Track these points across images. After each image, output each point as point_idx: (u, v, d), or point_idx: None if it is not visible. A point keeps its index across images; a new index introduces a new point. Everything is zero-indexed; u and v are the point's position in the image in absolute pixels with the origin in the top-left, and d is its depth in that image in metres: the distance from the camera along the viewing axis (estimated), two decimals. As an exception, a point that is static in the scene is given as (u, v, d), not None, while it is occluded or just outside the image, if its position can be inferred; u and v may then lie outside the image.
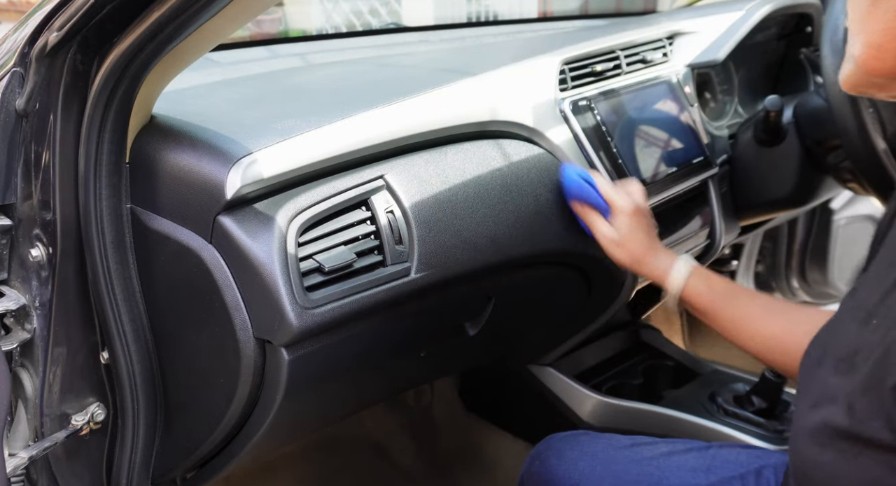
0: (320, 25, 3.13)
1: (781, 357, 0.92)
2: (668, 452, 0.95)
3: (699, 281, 0.97)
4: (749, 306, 0.94)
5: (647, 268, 1.00)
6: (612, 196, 1.01)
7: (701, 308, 0.97)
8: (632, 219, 1.01)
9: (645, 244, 1.01)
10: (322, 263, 0.82)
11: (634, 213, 1.01)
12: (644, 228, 1.02)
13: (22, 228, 0.87)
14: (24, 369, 0.92)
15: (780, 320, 0.93)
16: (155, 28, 0.74)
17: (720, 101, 1.50)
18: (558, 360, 1.42)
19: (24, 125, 0.83)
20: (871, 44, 0.59)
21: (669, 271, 0.98)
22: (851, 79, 0.62)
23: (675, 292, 0.97)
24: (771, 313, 0.94)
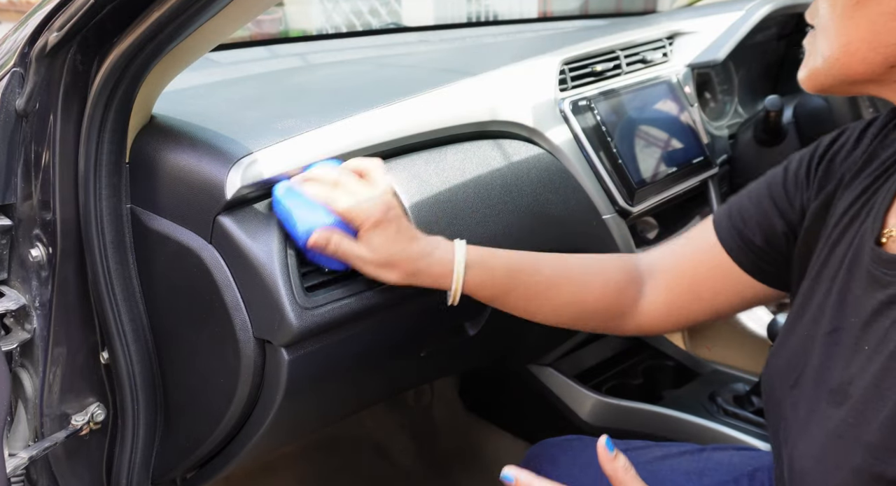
0: (320, 25, 3.14)
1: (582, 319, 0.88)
2: (661, 456, 0.95)
3: (477, 272, 0.83)
4: (532, 283, 0.85)
5: (423, 278, 0.82)
6: (346, 210, 0.79)
7: (487, 299, 0.86)
8: (383, 229, 0.79)
9: (411, 252, 0.81)
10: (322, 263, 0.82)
11: (384, 220, 0.79)
12: (399, 233, 0.80)
13: (22, 228, 0.87)
14: (24, 369, 0.92)
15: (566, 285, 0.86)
16: (155, 28, 0.74)
17: (720, 101, 1.50)
18: (558, 360, 1.42)
19: (24, 125, 0.83)
20: (847, 46, 0.58)
21: (447, 273, 0.82)
22: (818, 78, 0.61)
23: (456, 294, 0.83)
24: (556, 281, 0.86)
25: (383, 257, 0.80)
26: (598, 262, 0.89)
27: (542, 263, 0.86)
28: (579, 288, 0.86)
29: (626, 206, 1.16)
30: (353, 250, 0.79)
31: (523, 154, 1.05)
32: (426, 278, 0.82)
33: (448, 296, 0.83)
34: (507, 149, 1.03)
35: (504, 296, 0.86)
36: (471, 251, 0.83)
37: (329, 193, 0.80)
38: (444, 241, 0.84)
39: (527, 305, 0.87)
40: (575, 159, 1.11)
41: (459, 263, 0.82)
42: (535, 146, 1.08)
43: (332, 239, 0.78)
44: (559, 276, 0.86)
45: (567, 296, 0.86)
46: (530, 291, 0.86)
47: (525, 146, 1.07)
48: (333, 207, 0.79)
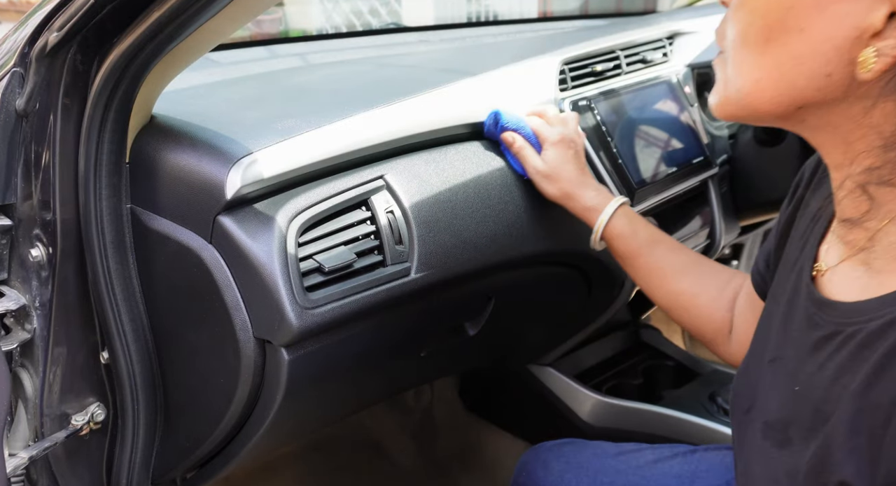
0: (320, 25, 3.14)
1: (686, 315, 0.92)
2: (653, 459, 0.95)
3: (623, 224, 0.93)
4: (665, 259, 0.93)
5: (575, 203, 0.96)
6: (540, 128, 0.98)
7: (620, 252, 0.95)
8: (559, 149, 0.96)
9: (575, 178, 0.96)
10: (322, 263, 0.82)
11: (561, 142, 0.97)
12: (574, 161, 0.97)
13: (22, 228, 0.87)
14: (24, 369, 0.92)
15: (690, 277, 0.92)
16: (155, 28, 0.74)
17: (720, 101, 1.50)
18: (558, 360, 1.42)
19: (24, 125, 0.83)
20: (757, 83, 0.56)
21: (597, 208, 0.94)
22: (728, 108, 0.59)
23: (598, 230, 0.94)
24: (684, 269, 0.92)
25: (549, 169, 0.96)
26: (722, 271, 0.93)
27: (681, 248, 0.95)
28: (698, 286, 0.91)
29: (626, 206, 1.16)
30: (530, 156, 0.97)
31: (523, 154, 1.05)
32: (577, 204, 0.95)
33: (592, 233, 0.94)
34: (507, 149, 1.03)
35: (635, 257, 0.93)
36: (624, 206, 0.95)
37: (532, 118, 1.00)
38: (605, 189, 0.97)
39: (651, 277, 0.93)
40: (575, 159, 1.11)
41: (612, 206, 0.93)
42: (535, 146, 1.08)
43: (518, 141, 0.97)
44: (687, 266, 0.93)
45: (685, 288, 0.92)
46: (659, 265, 0.92)
47: (525, 146, 1.07)
48: (530, 121, 0.99)
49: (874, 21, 0.49)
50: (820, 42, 0.52)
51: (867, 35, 0.50)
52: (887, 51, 0.49)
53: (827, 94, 0.53)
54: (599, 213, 0.94)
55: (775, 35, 0.53)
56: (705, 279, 0.92)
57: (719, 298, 0.91)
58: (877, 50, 0.50)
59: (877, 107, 0.52)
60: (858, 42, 0.50)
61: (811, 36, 0.52)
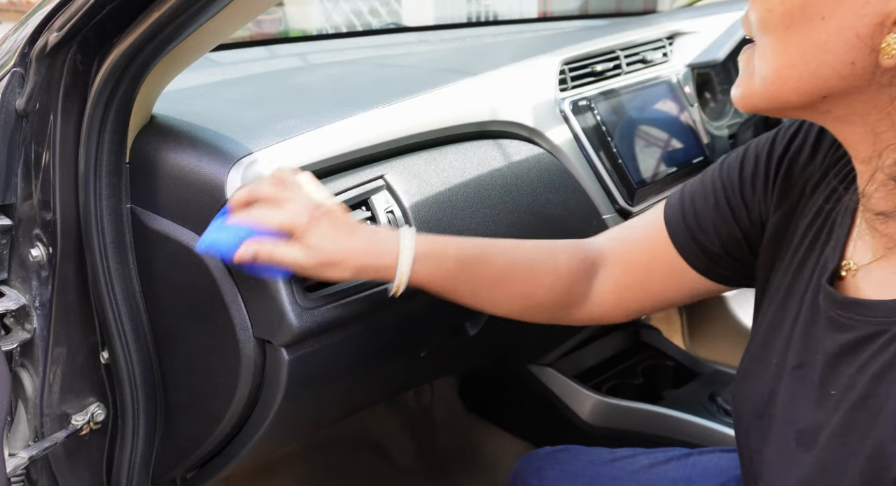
0: (320, 25, 3.13)
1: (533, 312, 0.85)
2: (648, 464, 0.94)
3: (429, 266, 0.78)
4: (485, 276, 0.81)
5: (372, 273, 0.78)
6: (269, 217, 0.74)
7: (435, 292, 0.81)
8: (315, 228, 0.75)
9: (352, 245, 0.76)
10: (322, 263, 0.82)
11: (312, 219, 0.75)
12: (334, 227, 0.76)
13: (22, 228, 0.87)
14: (24, 369, 0.92)
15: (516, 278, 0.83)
16: (155, 28, 0.74)
17: (720, 101, 1.50)
18: (558, 360, 1.42)
19: (24, 125, 0.83)
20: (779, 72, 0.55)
21: (392, 263, 0.77)
22: (752, 100, 0.58)
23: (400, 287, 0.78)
24: (505, 274, 0.82)
25: (324, 256, 0.75)
26: (549, 253, 0.84)
27: (493, 254, 0.82)
28: (530, 281, 0.83)
29: (627, 206, 1.16)
30: (290, 254, 0.74)
31: (523, 154, 1.05)
32: (373, 272, 0.78)
33: (391, 287, 0.78)
34: (507, 149, 1.03)
35: (453, 289, 0.81)
36: (419, 242, 0.78)
37: (249, 213, 0.75)
38: (386, 231, 0.79)
39: (475, 297, 0.83)
40: (575, 159, 1.11)
41: (405, 255, 0.77)
42: (535, 146, 1.08)
43: (262, 248, 0.73)
44: (510, 267, 0.82)
45: (517, 289, 0.83)
46: (481, 283, 0.82)
47: (525, 146, 1.07)
48: (257, 223, 0.74)
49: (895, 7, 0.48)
50: (842, 29, 0.51)
51: (890, 21, 0.49)
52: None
53: (851, 82, 0.52)
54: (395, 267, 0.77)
55: (796, 23, 0.52)
56: (530, 272, 0.83)
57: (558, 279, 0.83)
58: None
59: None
60: (881, 29, 0.49)
61: (833, 23, 0.51)
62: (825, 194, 0.66)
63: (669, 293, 0.81)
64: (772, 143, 0.72)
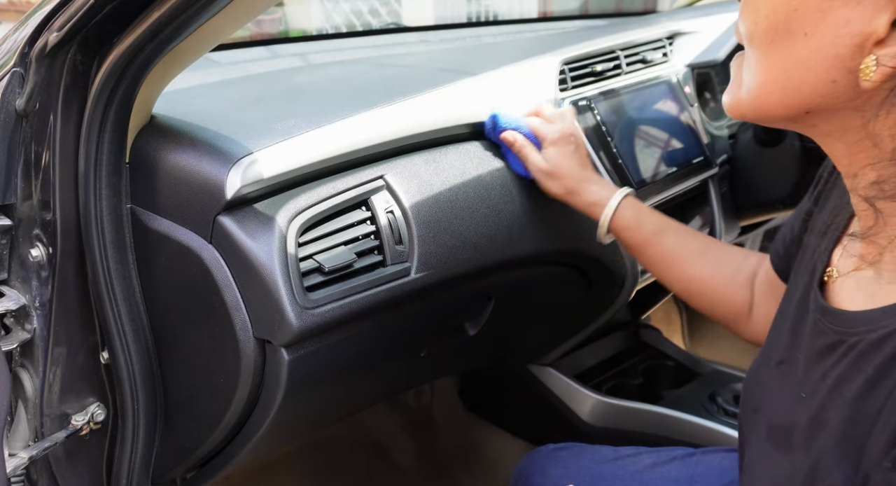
0: (320, 25, 3.13)
1: (704, 299, 0.92)
2: (651, 463, 0.94)
3: (629, 215, 0.93)
4: (675, 246, 0.92)
5: (579, 199, 0.96)
6: (538, 126, 0.98)
7: (628, 243, 0.94)
8: (559, 146, 0.96)
9: (577, 174, 0.96)
10: (322, 263, 0.82)
11: (561, 139, 0.97)
12: (575, 157, 0.97)
13: (22, 228, 0.87)
14: (24, 369, 0.92)
15: (702, 261, 0.91)
16: (155, 28, 0.74)
17: (720, 101, 1.50)
18: (558, 360, 1.42)
19: (24, 125, 0.83)
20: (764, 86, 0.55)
21: (601, 202, 0.94)
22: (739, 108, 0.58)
23: (604, 224, 0.94)
24: (695, 253, 0.92)
25: (552, 167, 0.96)
26: (736, 253, 0.92)
27: (691, 233, 0.94)
28: (713, 269, 0.90)
29: (626, 206, 1.16)
30: (531, 154, 0.97)
31: (523, 154, 1.05)
32: (581, 200, 0.95)
33: (598, 226, 0.94)
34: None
35: (644, 247, 0.93)
36: (628, 198, 0.94)
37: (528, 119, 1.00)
38: (607, 181, 0.98)
39: (664, 265, 0.93)
40: (575, 159, 1.11)
41: (615, 199, 0.93)
42: (535, 146, 1.08)
43: (518, 140, 0.97)
44: (699, 251, 0.92)
45: (700, 272, 0.91)
46: (669, 252, 0.92)
47: (525, 146, 1.07)
48: (529, 121, 0.99)
49: (877, 28, 0.48)
50: (824, 47, 0.50)
51: (870, 42, 0.48)
52: (887, 61, 0.48)
53: (832, 100, 0.52)
54: (604, 206, 0.94)
55: (780, 38, 0.52)
56: (718, 262, 0.91)
57: (735, 279, 0.90)
58: (877, 58, 0.48)
59: (879, 118, 0.51)
60: (861, 49, 0.49)
61: (815, 41, 0.50)
62: (833, 204, 0.67)
63: None
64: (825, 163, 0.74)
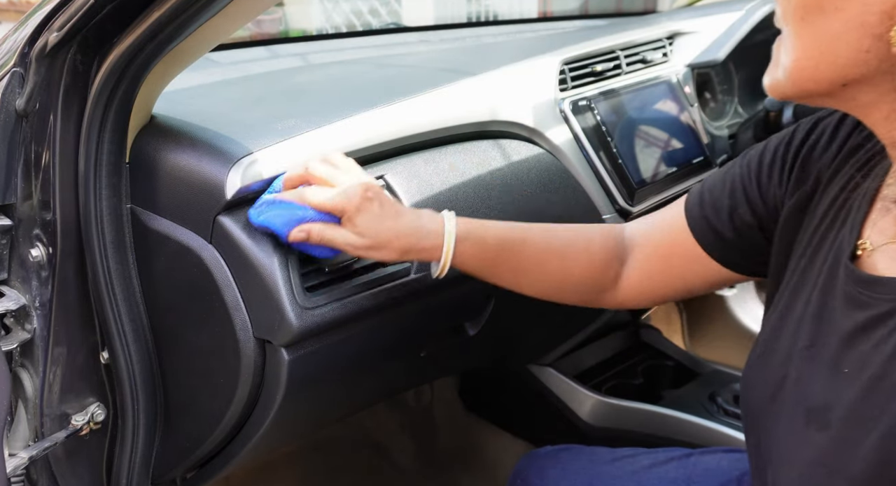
0: (320, 25, 3.13)
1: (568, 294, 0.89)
2: (649, 464, 0.94)
3: (471, 247, 0.83)
4: (521, 259, 0.86)
5: (416, 254, 0.82)
6: (324, 201, 0.78)
7: (474, 273, 0.86)
8: (366, 211, 0.78)
9: (399, 229, 0.80)
10: (322, 263, 0.82)
11: (364, 202, 0.78)
12: (386, 212, 0.80)
13: (22, 228, 0.87)
14: (24, 369, 0.92)
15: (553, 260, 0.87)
16: (155, 28, 0.74)
17: (720, 101, 1.50)
18: (558, 360, 1.42)
19: (24, 125, 0.83)
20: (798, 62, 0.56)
21: (437, 244, 0.81)
22: (778, 88, 0.60)
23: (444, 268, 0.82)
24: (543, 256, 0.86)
25: (371, 238, 0.79)
26: (584, 235, 0.88)
27: (530, 236, 0.86)
28: (566, 262, 0.87)
29: (627, 206, 1.16)
30: (340, 236, 0.79)
31: (523, 154, 1.05)
32: (417, 254, 0.82)
33: (434, 268, 0.82)
34: (507, 149, 1.03)
35: (492, 268, 0.85)
36: (461, 224, 0.82)
37: (302, 192, 0.79)
38: (429, 214, 0.83)
39: (515, 277, 0.87)
40: (575, 159, 1.11)
41: (450, 235, 0.81)
42: (535, 146, 1.08)
43: (314, 230, 0.78)
44: (547, 249, 0.87)
45: (554, 269, 0.87)
46: (519, 264, 0.86)
47: (525, 146, 1.07)
48: (309, 201, 0.78)
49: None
50: (853, 19, 0.53)
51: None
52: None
53: (867, 70, 0.54)
54: (440, 248, 0.81)
55: (811, 14, 0.54)
56: (566, 256, 0.87)
57: (592, 261, 0.87)
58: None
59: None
60: (889, 16, 0.51)
61: (845, 14, 0.53)
62: (841, 183, 0.68)
63: (689, 281, 0.84)
64: (791, 135, 0.75)
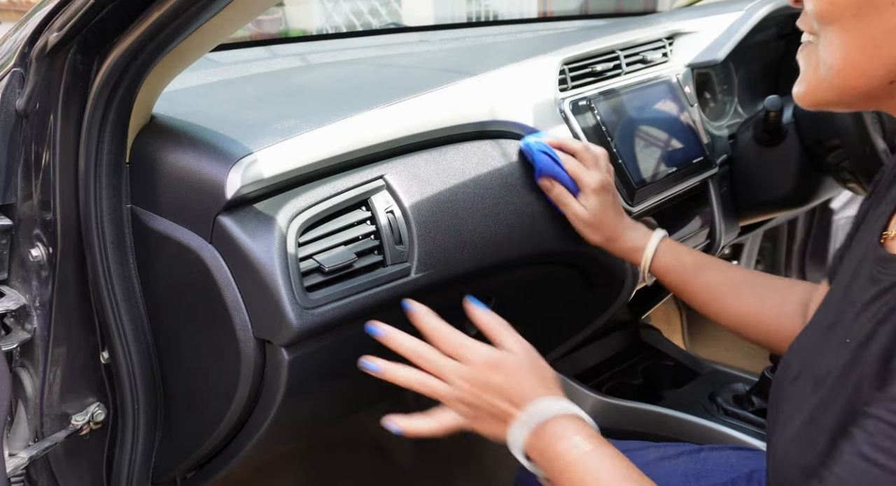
0: (320, 25, 3.14)
1: (755, 331, 0.93)
2: (658, 458, 0.95)
3: (668, 257, 0.97)
4: (717, 282, 0.95)
5: (619, 246, 1.00)
6: (579, 174, 0.99)
7: (671, 284, 0.98)
8: (600, 197, 0.99)
9: (616, 222, 0.99)
10: (322, 263, 0.82)
11: (602, 190, 0.99)
12: (613, 207, 1.00)
13: (22, 228, 0.87)
14: (24, 369, 0.92)
15: (749, 294, 0.93)
16: (155, 28, 0.74)
17: (720, 101, 1.50)
18: (558, 360, 1.42)
19: (24, 125, 0.83)
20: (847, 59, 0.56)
21: (640, 248, 0.98)
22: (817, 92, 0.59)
23: (644, 268, 0.98)
24: (739, 288, 0.94)
25: (593, 217, 0.98)
26: (780, 282, 0.94)
27: (731, 268, 0.97)
28: (759, 301, 0.92)
29: (626, 206, 1.16)
30: (572, 204, 0.99)
31: (523, 154, 1.05)
32: (621, 247, 0.99)
33: (639, 271, 0.98)
34: (507, 149, 1.03)
35: (686, 285, 0.96)
36: (666, 240, 0.98)
37: (568, 161, 0.99)
38: (643, 225, 1.00)
39: (708, 301, 0.95)
40: (575, 159, 1.11)
41: (652, 242, 0.98)
42: (535, 146, 1.08)
43: (556, 188, 0.99)
44: (742, 283, 0.94)
45: (746, 305, 0.93)
46: (712, 288, 0.94)
47: (525, 146, 1.07)
48: (570, 167, 0.98)
49: None
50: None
51: None
52: None
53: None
54: (643, 251, 0.98)
55: (864, 11, 0.54)
56: (764, 294, 0.93)
57: (784, 309, 0.91)
58: None
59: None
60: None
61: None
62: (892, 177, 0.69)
63: None
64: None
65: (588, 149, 1.01)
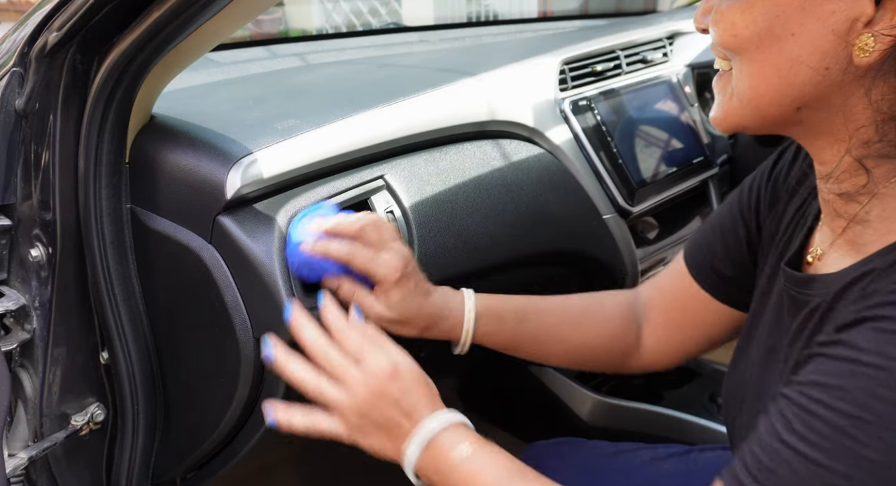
0: (320, 25, 3.14)
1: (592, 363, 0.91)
2: (650, 459, 0.95)
3: (488, 319, 0.84)
4: (538, 328, 0.87)
5: (437, 331, 0.83)
6: (372, 267, 0.77)
7: (498, 347, 0.87)
8: (403, 287, 0.78)
9: (425, 308, 0.80)
10: (322, 263, 0.82)
11: (403, 277, 0.78)
12: (417, 287, 0.80)
13: (22, 228, 0.87)
14: (24, 370, 0.92)
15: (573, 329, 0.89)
16: (155, 28, 0.74)
17: (720, 101, 1.50)
18: (558, 360, 1.42)
19: (24, 125, 0.83)
20: (757, 88, 0.57)
21: (458, 323, 0.83)
22: (732, 119, 0.60)
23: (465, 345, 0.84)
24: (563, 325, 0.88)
25: (400, 315, 0.79)
26: (597, 303, 0.90)
27: (546, 307, 0.88)
28: (582, 330, 0.89)
29: (627, 206, 1.16)
30: (371, 306, 0.78)
31: (523, 154, 1.05)
32: (439, 332, 0.83)
33: (455, 347, 0.85)
34: (507, 149, 1.03)
35: (513, 342, 0.87)
36: (480, 301, 0.84)
37: (352, 251, 0.76)
38: (452, 292, 0.83)
39: (537, 350, 0.89)
40: (575, 159, 1.11)
41: (469, 314, 0.83)
42: (535, 146, 1.08)
43: (346, 288, 0.78)
44: (566, 317, 0.89)
45: (572, 338, 0.89)
46: (538, 336, 0.87)
47: (525, 146, 1.07)
48: (356, 262, 0.76)
49: (864, 9, 0.51)
50: (813, 41, 0.53)
51: (860, 24, 0.51)
52: (885, 32, 0.51)
53: (823, 88, 0.55)
54: (461, 327, 0.83)
55: (766, 43, 0.55)
56: (586, 325, 0.89)
57: (609, 328, 0.89)
58: (873, 34, 0.51)
59: (874, 88, 0.54)
60: (852, 33, 0.52)
61: (803, 37, 0.53)
62: (799, 201, 0.71)
63: (707, 331, 0.86)
64: (762, 168, 0.79)
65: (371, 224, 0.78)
